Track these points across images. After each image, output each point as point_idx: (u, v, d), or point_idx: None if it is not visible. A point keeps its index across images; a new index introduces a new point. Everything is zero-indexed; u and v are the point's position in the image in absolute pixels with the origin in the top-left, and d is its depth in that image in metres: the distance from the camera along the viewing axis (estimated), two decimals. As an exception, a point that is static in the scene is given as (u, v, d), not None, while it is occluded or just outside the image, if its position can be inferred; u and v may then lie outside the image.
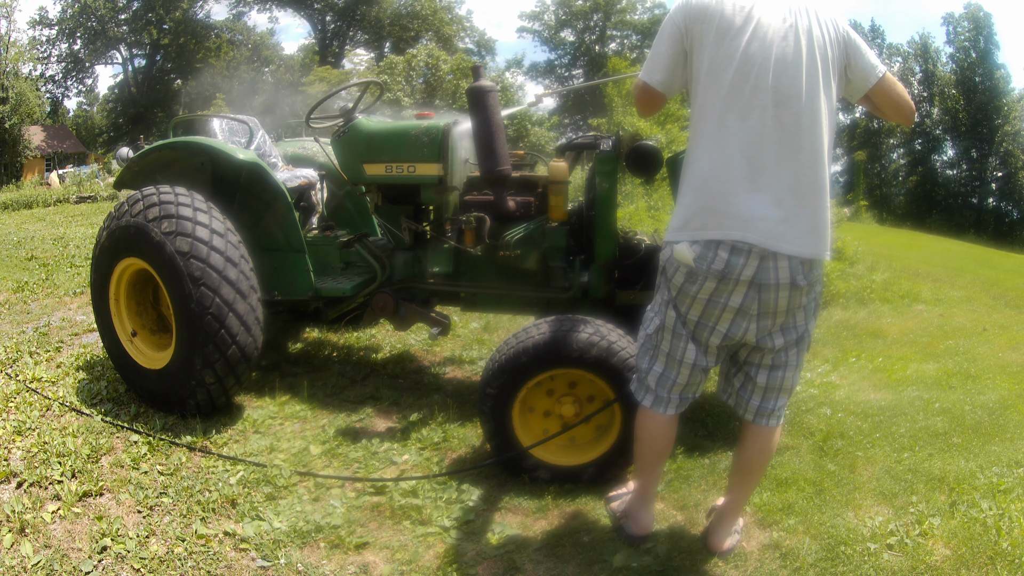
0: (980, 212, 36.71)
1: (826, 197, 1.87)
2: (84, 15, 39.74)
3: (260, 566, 2.04)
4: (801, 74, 1.81)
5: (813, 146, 1.82)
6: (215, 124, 3.89)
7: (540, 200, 2.98)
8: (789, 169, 1.81)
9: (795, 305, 1.92)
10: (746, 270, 1.84)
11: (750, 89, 1.81)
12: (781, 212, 1.81)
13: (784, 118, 1.80)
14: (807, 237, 1.84)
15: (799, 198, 1.82)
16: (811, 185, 1.83)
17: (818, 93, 1.82)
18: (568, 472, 2.50)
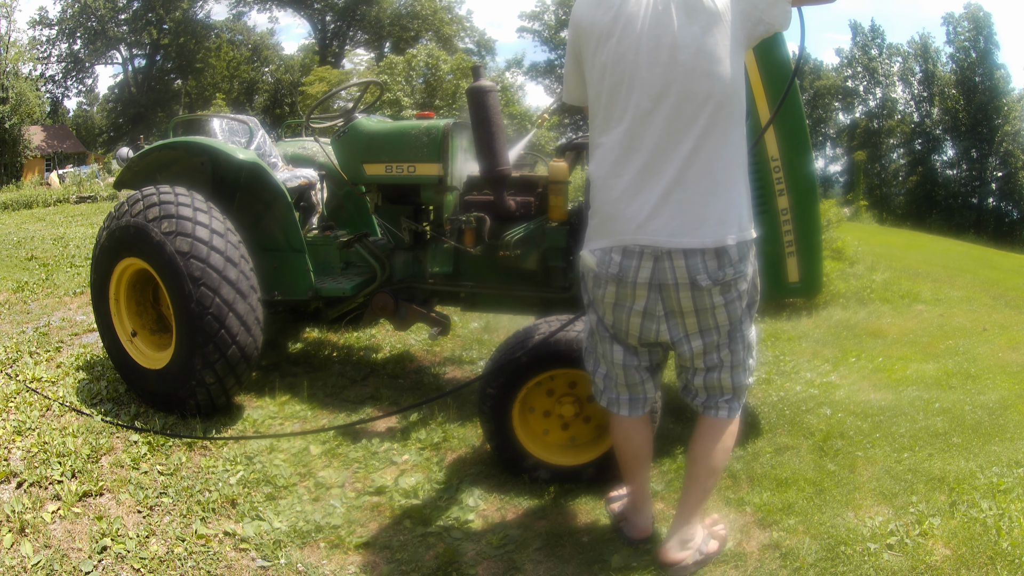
0: (980, 212, 36.72)
1: (724, 181, 1.77)
2: (84, 15, 39.74)
3: (260, 566, 2.04)
4: (676, 58, 1.70)
5: (704, 130, 1.72)
6: (215, 124, 3.89)
7: (540, 200, 2.98)
8: (674, 162, 1.74)
9: (704, 306, 1.83)
10: (641, 272, 1.80)
11: (625, 90, 1.76)
12: (668, 208, 1.75)
13: (662, 110, 1.73)
14: (699, 228, 1.75)
15: (687, 189, 1.74)
16: (702, 173, 1.74)
17: (705, 70, 1.70)
18: (568, 472, 2.50)
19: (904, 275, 7.48)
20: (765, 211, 2.63)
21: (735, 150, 1.80)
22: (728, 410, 2.02)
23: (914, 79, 39.36)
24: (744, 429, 2.99)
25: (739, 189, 1.82)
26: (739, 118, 1.79)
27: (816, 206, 2.70)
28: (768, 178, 2.61)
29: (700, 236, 1.76)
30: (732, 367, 1.97)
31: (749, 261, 1.86)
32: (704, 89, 1.71)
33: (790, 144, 2.59)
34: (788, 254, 2.65)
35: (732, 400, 2.02)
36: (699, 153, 1.74)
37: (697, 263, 1.77)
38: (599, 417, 2.52)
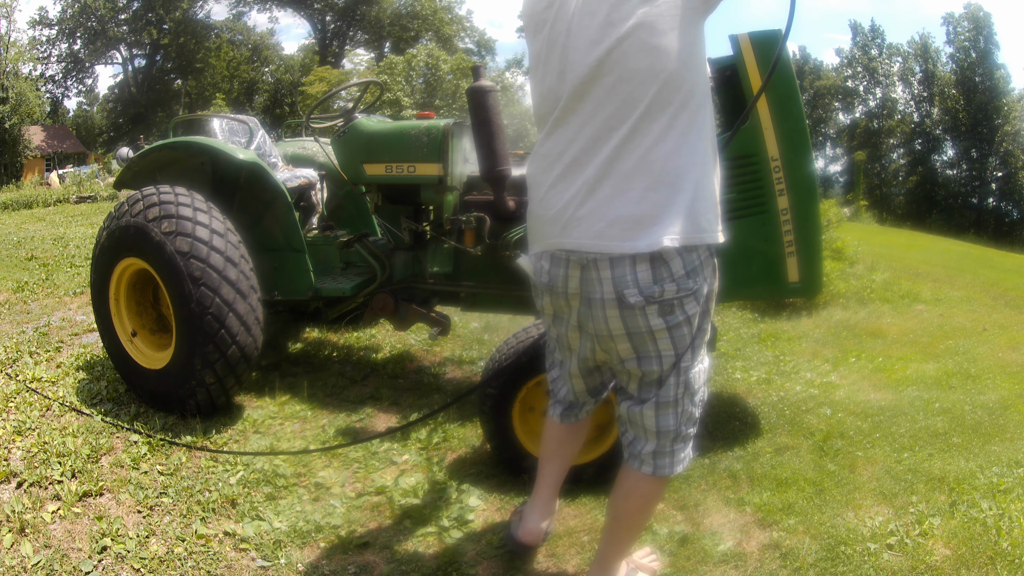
0: (980, 212, 36.75)
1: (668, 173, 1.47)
2: (84, 15, 39.76)
3: (260, 566, 2.04)
4: (610, 35, 1.46)
5: (644, 114, 1.46)
6: (215, 124, 3.89)
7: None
8: (603, 151, 1.49)
9: (637, 329, 1.52)
10: (570, 282, 1.57)
11: (557, 78, 1.55)
12: (593, 205, 1.50)
13: (596, 94, 1.50)
14: (630, 229, 1.47)
15: (617, 183, 1.48)
16: (637, 163, 1.47)
17: (645, 44, 1.44)
18: (568, 472, 2.49)
19: (904, 275, 7.48)
20: (765, 211, 2.63)
21: (688, 136, 1.48)
22: (653, 466, 1.67)
23: (914, 79, 39.38)
24: (744, 429, 3.00)
25: (693, 183, 1.48)
26: (693, 98, 1.49)
27: (816, 206, 2.70)
28: (768, 178, 2.61)
29: (630, 239, 1.46)
30: (658, 405, 1.62)
31: (703, 275, 1.52)
32: (644, 66, 1.45)
33: (790, 144, 2.59)
34: (788, 254, 2.65)
35: (659, 455, 1.67)
36: (634, 140, 1.47)
37: (625, 274, 1.48)
38: (599, 417, 2.52)
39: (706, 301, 1.56)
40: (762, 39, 2.57)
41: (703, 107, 1.51)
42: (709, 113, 1.54)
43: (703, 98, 1.51)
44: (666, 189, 1.46)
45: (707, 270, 1.54)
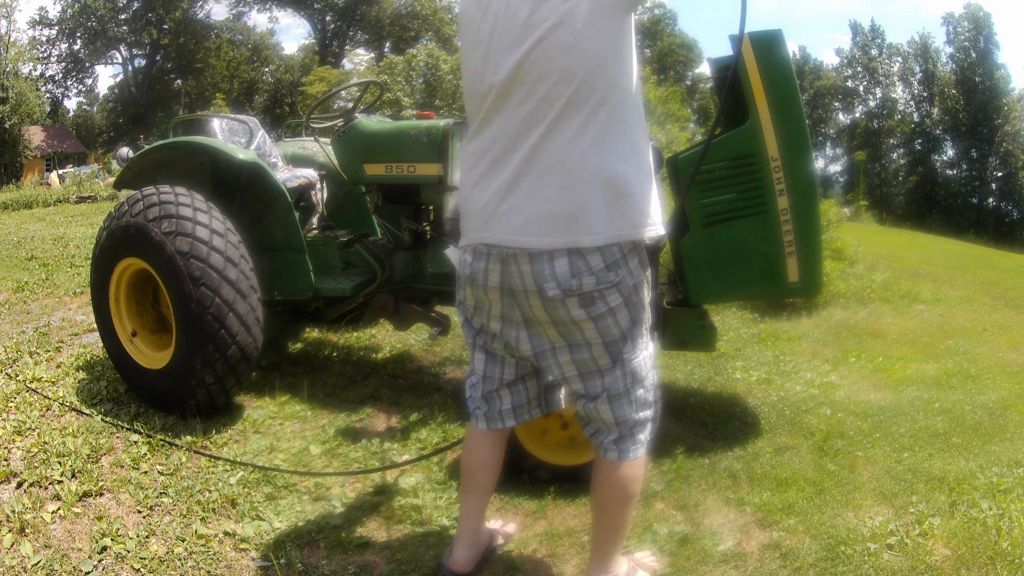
0: (980, 212, 36.78)
1: (586, 171, 1.50)
2: (84, 15, 39.79)
3: (260, 566, 2.04)
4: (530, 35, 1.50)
5: (561, 112, 1.49)
6: (215, 124, 3.89)
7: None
8: (521, 153, 1.53)
9: (560, 318, 1.58)
10: (491, 276, 1.61)
11: (482, 79, 1.59)
12: (513, 201, 1.54)
13: (516, 94, 1.53)
14: (547, 226, 1.51)
15: (535, 180, 1.52)
16: (554, 161, 1.50)
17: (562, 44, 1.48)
18: (568, 472, 2.50)
19: (904, 275, 7.49)
20: (765, 211, 2.63)
21: (607, 133, 1.51)
22: (617, 452, 1.72)
23: (914, 79, 39.41)
24: (744, 429, 3.00)
25: (612, 180, 1.51)
26: (614, 95, 1.51)
27: (816, 206, 2.70)
28: (768, 178, 2.61)
29: (547, 235, 1.51)
30: (611, 398, 1.68)
31: (626, 269, 1.57)
32: (561, 65, 1.48)
33: (790, 144, 2.59)
34: (788, 254, 2.65)
35: (621, 440, 1.72)
36: (551, 138, 1.50)
37: (543, 268, 1.53)
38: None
39: (633, 292, 1.60)
40: (762, 39, 2.57)
41: (624, 103, 1.53)
42: (632, 109, 1.56)
43: (625, 94, 1.53)
44: (583, 187, 1.50)
45: (631, 263, 1.58)
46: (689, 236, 2.71)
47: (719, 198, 2.66)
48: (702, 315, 2.85)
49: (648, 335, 1.72)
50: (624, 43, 1.52)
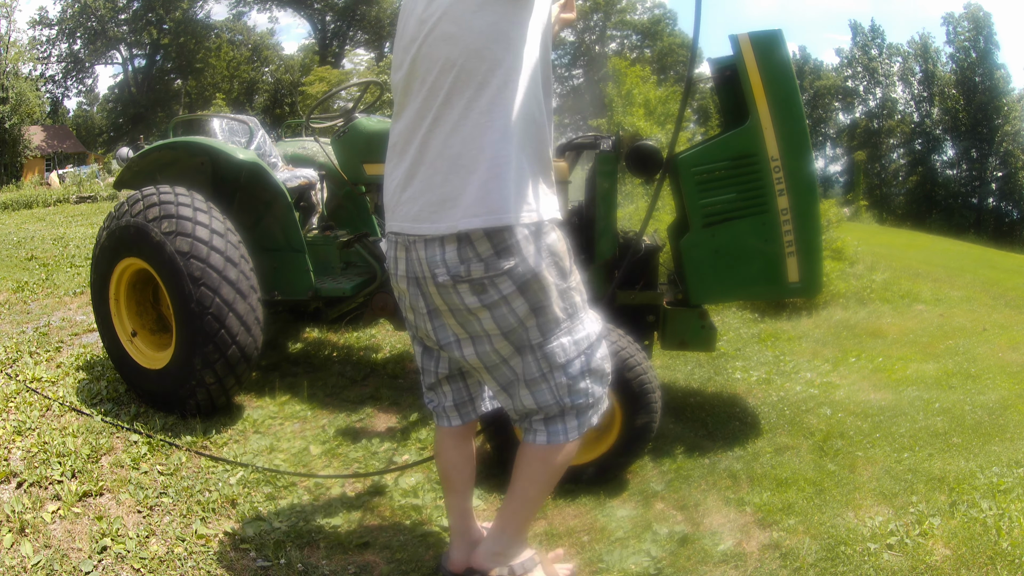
0: (980, 212, 36.78)
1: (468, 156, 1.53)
2: (84, 15, 39.78)
3: (260, 566, 2.04)
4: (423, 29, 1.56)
5: (445, 100, 1.54)
6: (215, 124, 3.89)
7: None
8: (416, 143, 1.58)
9: (456, 306, 1.59)
10: (399, 265, 1.65)
11: (394, 72, 1.68)
12: (411, 190, 1.59)
13: (413, 86, 1.60)
14: (436, 212, 1.54)
15: (426, 167, 1.56)
16: (441, 148, 1.54)
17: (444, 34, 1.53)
18: (568, 472, 2.48)
19: (904, 275, 7.49)
20: (765, 211, 2.63)
21: (490, 117, 1.52)
22: (546, 434, 1.72)
23: (914, 79, 39.41)
24: (744, 429, 3.00)
25: (495, 164, 1.52)
26: (495, 78, 1.52)
27: (816, 206, 2.70)
28: (768, 178, 2.61)
29: (436, 221, 1.54)
30: (528, 383, 1.68)
31: (521, 255, 1.54)
32: (442, 54, 1.53)
33: (790, 144, 2.59)
34: (788, 254, 2.65)
35: (549, 422, 1.72)
36: (438, 126, 1.55)
37: (435, 254, 1.55)
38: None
39: (533, 279, 1.58)
40: (762, 39, 2.57)
41: (507, 86, 1.53)
42: (518, 92, 1.54)
43: (509, 77, 1.53)
44: (464, 171, 1.52)
45: (528, 248, 1.56)
46: (689, 236, 2.71)
47: (719, 198, 2.66)
48: (702, 315, 2.85)
49: (575, 318, 1.69)
50: (514, 25, 1.52)
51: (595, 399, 1.75)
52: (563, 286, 1.65)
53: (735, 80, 2.66)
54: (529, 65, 1.56)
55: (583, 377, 1.70)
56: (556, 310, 1.64)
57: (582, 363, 1.70)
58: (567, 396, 1.69)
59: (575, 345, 1.68)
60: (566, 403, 1.70)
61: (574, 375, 1.69)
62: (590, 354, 1.71)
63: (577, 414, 1.73)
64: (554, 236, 1.63)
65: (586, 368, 1.70)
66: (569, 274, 1.68)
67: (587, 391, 1.71)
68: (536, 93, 1.58)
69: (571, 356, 1.68)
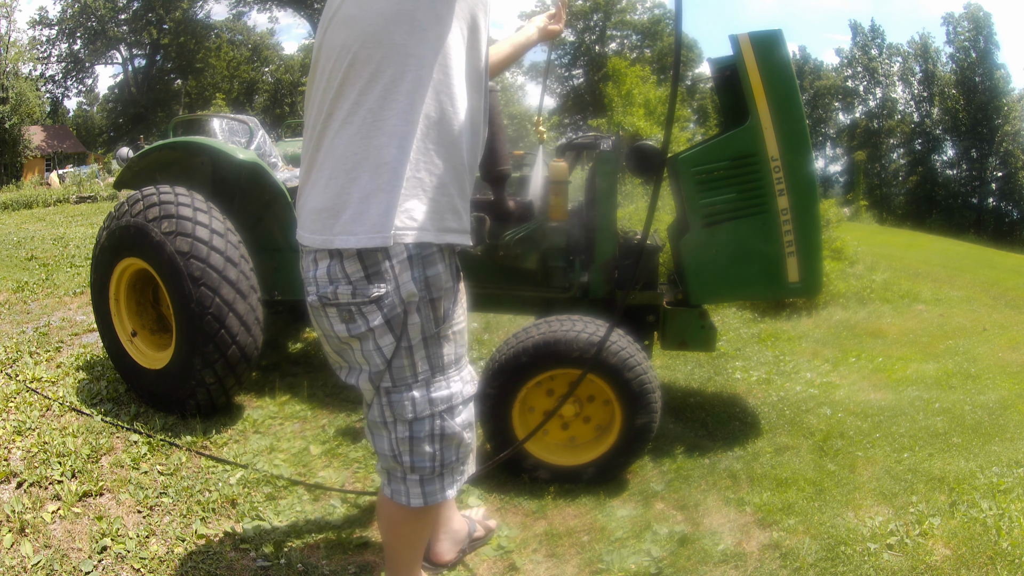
0: (980, 212, 36.78)
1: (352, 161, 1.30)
2: (84, 15, 39.76)
3: (260, 566, 2.04)
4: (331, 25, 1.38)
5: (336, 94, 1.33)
6: (215, 124, 3.89)
7: (540, 200, 2.99)
8: (311, 144, 1.39)
9: (328, 331, 1.39)
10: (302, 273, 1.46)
11: None
12: (303, 197, 1.42)
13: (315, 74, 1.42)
14: (313, 222, 1.35)
15: (315, 174, 1.37)
16: (328, 151, 1.34)
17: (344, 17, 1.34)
18: (568, 472, 2.50)
19: (904, 275, 7.49)
20: (765, 211, 2.63)
21: (380, 114, 1.30)
22: (389, 490, 1.53)
23: (914, 79, 39.40)
24: (744, 429, 3.00)
25: (378, 172, 1.30)
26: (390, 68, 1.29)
27: (816, 206, 2.70)
28: (768, 178, 2.61)
29: (313, 232, 1.34)
30: (370, 424, 1.50)
31: (395, 282, 1.32)
32: (340, 39, 1.32)
33: (790, 144, 2.59)
34: (788, 254, 2.65)
35: (391, 479, 1.53)
36: (329, 122, 1.34)
37: (309, 269, 1.37)
38: (599, 417, 2.52)
39: (403, 314, 1.35)
40: (762, 39, 2.57)
41: (404, 78, 1.30)
42: (422, 86, 1.31)
43: (405, 66, 1.30)
44: (345, 177, 1.31)
45: (402, 276, 1.33)
46: (689, 236, 2.71)
47: (719, 198, 2.66)
48: (702, 315, 2.85)
49: (440, 372, 1.44)
50: (422, 5, 1.29)
51: (443, 468, 1.50)
52: (433, 331, 1.40)
53: (735, 80, 2.66)
54: (444, 55, 1.32)
55: (431, 441, 1.46)
56: (417, 358, 1.40)
57: (433, 425, 1.45)
58: (406, 455, 1.46)
59: (429, 403, 1.43)
60: (403, 462, 1.47)
61: (419, 435, 1.45)
62: (446, 417, 1.46)
63: (421, 481, 1.49)
64: (440, 268, 1.38)
65: (437, 432, 1.45)
66: (446, 320, 1.43)
67: (433, 457, 1.47)
68: (451, 90, 1.34)
69: (421, 414, 1.43)
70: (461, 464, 1.53)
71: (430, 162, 1.33)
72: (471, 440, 1.53)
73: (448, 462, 1.50)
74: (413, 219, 1.31)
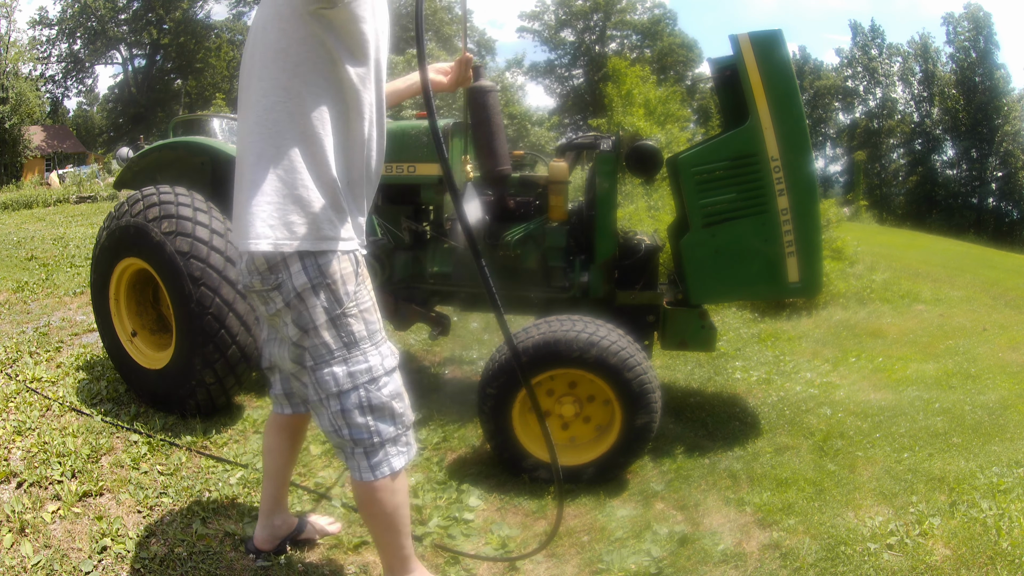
0: (980, 212, 36.76)
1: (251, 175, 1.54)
2: (84, 15, 39.76)
3: (260, 566, 2.04)
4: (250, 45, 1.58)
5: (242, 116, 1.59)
6: (215, 124, 3.89)
7: (540, 200, 2.99)
8: None
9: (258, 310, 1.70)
10: None
11: None
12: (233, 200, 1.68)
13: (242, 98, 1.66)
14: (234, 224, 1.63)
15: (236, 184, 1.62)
16: (241, 164, 1.59)
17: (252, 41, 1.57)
18: (568, 472, 2.50)
19: (904, 275, 7.49)
20: (765, 211, 2.63)
21: (267, 133, 1.52)
22: (357, 470, 1.66)
23: (914, 79, 39.40)
24: (744, 429, 3.00)
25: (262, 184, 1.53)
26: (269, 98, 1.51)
27: (816, 206, 2.70)
28: (768, 178, 2.61)
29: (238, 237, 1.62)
30: (311, 404, 1.69)
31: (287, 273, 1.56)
32: (246, 66, 1.57)
33: (790, 144, 2.59)
34: (788, 254, 2.66)
35: (347, 458, 1.67)
36: (242, 139, 1.59)
37: (240, 262, 1.66)
38: (599, 417, 2.52)
39: (296, 299, 1.57)
40: (762, 39, 2.57)
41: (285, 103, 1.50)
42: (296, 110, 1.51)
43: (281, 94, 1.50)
44: (250, 191, 1.54)
45: (293, 267, 1.55)
46: (689, 236, 2.71)
47: (719, 198, 2.66)
48: (702, 315, 2.85)
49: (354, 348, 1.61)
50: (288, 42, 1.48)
51: (384, 438, 1.65)
52: (336, 312, 1.59)
53: (735, 80, 2.66)
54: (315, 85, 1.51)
55: (362, 412, 1.62)
56: (326, 336, 1.59)
57: (360, 397, 1.62)
58: (345, 428, 1.63)
59: (349, 377, 1.61)
60: (345, 436, 1.64)
61: (349, 408, 1.62)
62: (371, 389, 1.63)
63: (366, 453, 1.65)
64: (329, 258, 1.57)
65: (365, 403, 1.62)
66: (345, 301, 1.60)
67: (369, 428, 1.63)
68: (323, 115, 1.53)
69: (344, 387, 1.61)
70: (403, 435, 1.69)
71: (304, 180, 1.54)
72: (404, 411, 1.70)
73: (386, 433, 1.65)
74: (294, 232, 1.54)
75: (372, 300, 1.67)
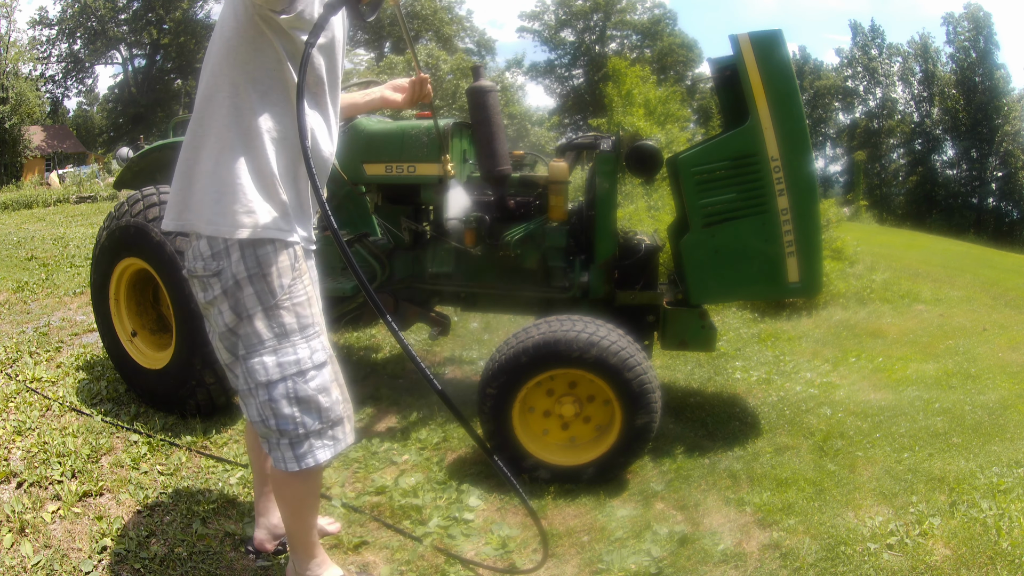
0: (980, 212, 36.76)
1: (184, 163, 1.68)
2: (84, 15, 39.74)
3: (260, 566, 2.04)
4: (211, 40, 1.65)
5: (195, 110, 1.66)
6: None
7: (540, 200, 2.99)
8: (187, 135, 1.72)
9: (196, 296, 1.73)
10: None
11: None
12: None
13: None
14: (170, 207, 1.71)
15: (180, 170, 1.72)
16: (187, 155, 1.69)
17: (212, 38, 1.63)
18: (568, 472, 2.50)
19: (904, 275, 7.49)
20: (765, 211, 2.63)
21: (205, 125, 1.62)
22: (281, 460, 1.70)
23: (914, 79, 39.39)
24: (744, 429, 3.00)
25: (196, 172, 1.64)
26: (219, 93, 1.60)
27: (816, 206, 2.70)
28: (768, 178, 2.61)
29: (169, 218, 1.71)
30: (241, 393, 1.73)
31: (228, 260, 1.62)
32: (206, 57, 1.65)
33: (790, 144, 2.59)
34: (788, 254, 2.65)
35: (271, 448, 1.71)
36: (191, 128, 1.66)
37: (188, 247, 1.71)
38: (599, 417, 2.52)
39: (234, 287, 1.62)
40: (762, 39, 2.57)
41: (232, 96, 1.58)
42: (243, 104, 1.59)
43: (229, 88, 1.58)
44: (184, 175, 1.67)
45: (233, 255, 1.62)
46: (689, 236, 2.71)
47: (719, 198, 2.66)
48: (702, 315, 2.85)
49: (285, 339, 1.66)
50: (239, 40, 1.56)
51: (308, 430, 1.68)
52: (270, 303, 1.64)
53: (735, 80, 2.66)
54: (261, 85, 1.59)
55: (289, 403, 1.66)
56: (259, 325, 1.64)
57: (287, 388, 1.66)
58: (272, 418, 1.66)
59: (278, 367, 1.65)
60: (271, 426, 1.67)
61: (276, 398, 1.65)
62: (298, 381, 1.66)
63: (291, 444, 1.68)
64: (269, 250, 1.63)
65: (292, 395, 1.66)
66: (279, 293, 1.65)
67: (295, 419, 1.66)
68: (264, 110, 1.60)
69: (272, 377, 1.65)
70: (329, 429, 1.71)
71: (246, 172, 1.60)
72: (331, 405, 1.71)
73: (311, 426, 1.68)
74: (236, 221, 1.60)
75: (308, 295, 1.72)
